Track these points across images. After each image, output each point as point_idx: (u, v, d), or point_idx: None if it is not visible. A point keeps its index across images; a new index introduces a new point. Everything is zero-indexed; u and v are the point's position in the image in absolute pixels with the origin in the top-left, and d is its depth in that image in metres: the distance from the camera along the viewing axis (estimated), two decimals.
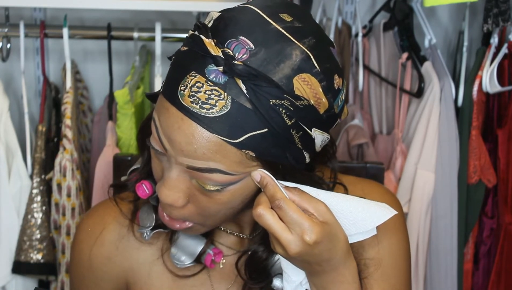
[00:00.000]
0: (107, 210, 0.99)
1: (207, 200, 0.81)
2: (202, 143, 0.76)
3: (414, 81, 1.83)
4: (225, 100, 0.75)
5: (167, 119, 0.78)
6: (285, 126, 0.77)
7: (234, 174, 0.78)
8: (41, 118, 1.77)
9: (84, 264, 0.99)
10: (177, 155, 0.78)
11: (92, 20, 1.99)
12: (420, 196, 1.77)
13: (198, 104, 0.75)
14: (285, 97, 0.76)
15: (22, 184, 1.70)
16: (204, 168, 0.77)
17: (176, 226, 0.85)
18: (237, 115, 0.75)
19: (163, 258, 0.96)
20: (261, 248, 0.89)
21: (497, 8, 1.68)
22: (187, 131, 0.76)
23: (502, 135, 1.81)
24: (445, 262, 1.79)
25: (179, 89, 0.77)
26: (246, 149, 0.77)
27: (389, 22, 1.92)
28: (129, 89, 1.71)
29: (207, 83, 0.76)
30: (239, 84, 0.75)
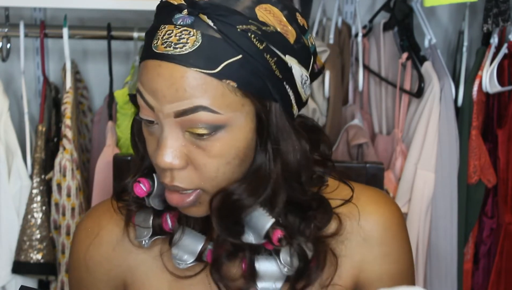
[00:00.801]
0: (105, 211, 0.99)
1: (203, 155, 0.82)
2: (182, 81, 0.78)
3: (414, 81, 1.83)
4: (195, 35, 0.79)
5: (147, 74, 0.81)
6: (258, 50, 0.80)
7: (219, 112, 0.80)
8: (41, 118, 1.77)
9: (81, 265, 0.99)
10: (162, 106, 0.80)
11: (92, 20, 1.99)
12: (420, 196, 1.77)
13: (171, 47, 0.79)
14: (250, 23, 0.80)
15: (22, 184, 1.70)
16: (189, 108, 0.79)
17: (186, 201, 0.85)
18: (210, 46, 0.79)
19: (162, 259, 0.96)
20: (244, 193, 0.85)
21: (497, 8, 1.68)
22: (166, 73, 0.79)
23: (502, 135, 1.81)
24: (445, 262, 1.79)
25: (152, 44, 0.81)
26: (226, 79, 0.79)
27: (389, 22, 1.92)
28: (129, 89, 1.71)
29: (176, 27, 0.80)
30: (205, 20, 0.79)
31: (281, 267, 0.89)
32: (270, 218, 0.86)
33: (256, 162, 0.86)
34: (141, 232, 0.93)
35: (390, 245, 0.95)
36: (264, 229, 0.86)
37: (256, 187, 0.85)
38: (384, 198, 0.98)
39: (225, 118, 0.80)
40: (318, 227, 0.91)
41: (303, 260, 0.90)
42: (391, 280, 0.96)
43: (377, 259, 0.95)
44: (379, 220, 0.95)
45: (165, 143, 0.81)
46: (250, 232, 0.88)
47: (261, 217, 0.87)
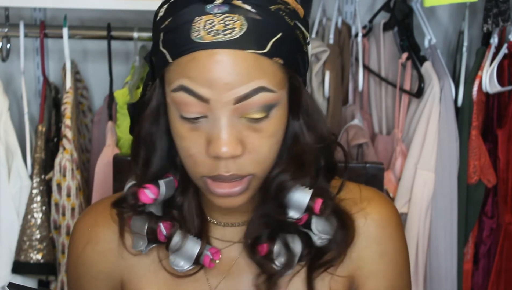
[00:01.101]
0: (102, 210, 0.99)
1: (258, 137, 0.83)
2: (241, 64, 0.80)
3: (414, 81, 1.83)
4: (240, 20, 0.80)
5: (197, 66, 0.80)
6: (290, 26, 0.84)
7: (275, 90, 0.82)
8: (41, 118, 1.77)
9: (79, 263, 0.99)
10: (221, 95, 0.80)
11: (92, 20, 1.99)
12: (420, 196, 1.77)
13: (220, 34, 0.80)
14: (278, 2, 0.84)
15: (22, 184, 1.70)
16: (250, 91, 0.80)
17: (237, 189, 0.85)
18: (256, 28, 0.81)
19: (159, 257, 0.96)
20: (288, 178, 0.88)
21: (497, 8, 1.68)
22: (224, 61, 0.79)
23: (502, 135, 1.81)
24: (445, 262, 1.79)
25: (193, 37, 0.80)
26: (275, 57, 0.82)
27: (389, 22, 1.91)
28: (129, 89, 1.71)
29: (216, 16, 0.81)
30: (241, 5, 0.81)
31: (315, 238, 0.91)
32: (308, 190, 0.89)
33: (292, 135, 0.89)
34: (137, 241, 0.94)
35: (386, 244, 0.96)
36: (305, 203, 0.89)
37: (299, 168, 0.89)
38: (381, 198, 0.99)
39: (278, 96, 0.83)
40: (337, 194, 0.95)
41: (340, 222, 0.92)
42: (386, 279, 0.97)
43: (373, 257, 0.96)
44: (376, 219, 0.96)
45: (223, 132, 0.81)
46: (290, 209, 0.90)
47: (300, 192, 0.89)
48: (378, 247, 0.96)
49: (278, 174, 0.89)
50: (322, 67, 1.85)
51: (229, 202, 0.87)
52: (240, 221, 0.96)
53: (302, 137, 0.89)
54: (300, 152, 0.89)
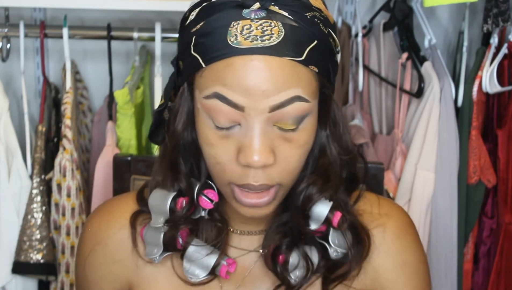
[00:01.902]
0: (114, 210, 0.98)
1: (290, 148, 0.82)
2: (278, 72, 0.78)
3: (414, 81, 1.83)
4: (277, 26, 0.79)
5: (234, 73, 0.78)
6: (325, 34, 0.83)
7: (309, 100, 0.81)
8: (41, 118, 1.77)
9: (86, 263, 0.98)
10: (257, 103, 0.78)
11: (92, 20, 1.99)
12: (420, 196, 1.77)
13: (258, 40, 0.78)
14: (313, 9, 0.82)
15: (22, 184, 1.70)
16: (286, 100, 0.79)
17: (265, 199, 0.84)
18: (293, 35, 0.79)
19: (172, 262, 0.94)
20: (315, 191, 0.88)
21: (497, 8, 1.68)
22: (263, 66, 0.78)
23: (502, 135, 1.81)
24: (445, 262, 1.79)
25: (230, 41, 0.78)
26: (311, 65, 0.80)
27: (389, 22, 1.91)
28: (129, 89, 1.71)
29: (253, 21, 0.79)
30: (278, 11, 0.80)
31: (331, 251, 0.90)
32: (328, 201, 0.88)
33: (320, 147, 0.88)
34: (151, 249, 0.92)
35: (406, 254, 0.95)
36: (324, 215, 0.88)
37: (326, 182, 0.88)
38: (398, 209, 0.98)
39: (311, 106, 0.82)
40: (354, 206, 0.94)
41: (355, 237, 0.91)
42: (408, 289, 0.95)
43: (393, 269, 0.95)
44: (394, 231, 0.95)
45: (256, 141, 0.79)
46: (311, 220, 0.89)
47: (320, 203, 0.88)
48: (398, 258, 0.95)
49: (307, 186, 0.87)
50: None
51: (255, 212, 0.86)
52: (257, 230, 0.95)
53: (329, 149, 0.88)
54: (326, 164, 0.88)
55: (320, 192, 0.88)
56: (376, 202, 0.97)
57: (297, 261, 0.90)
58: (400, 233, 0.96)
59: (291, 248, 0.90)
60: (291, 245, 0.90)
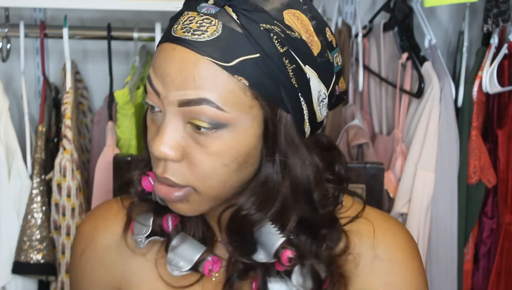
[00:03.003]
0: (103, 214, 0.98)
1: (201, 152, 0.79)
2: (192, 68, 0.76)
3: (414, 81, 1.83)
4: (216, 25, 0.77)
5: (158, 58, 0.79)
6: (277, 52, 0.78)
7: (224, 109, 0.77)
8: (41, 118, 1.77)
9: (77, 267, 0.99)
10: (168, 92, 0.78)
11: (92, 20, 1.99)
12: (420, 196, 1.77)
13: (190, 32, 0.77)
14: (275, 23, 0.78)
15: (22, 185, 1.70)
16: (194, 99, 0.77)
17: (174, 195, 0.82)
18: (228, 39, 0.77)
19: (156, 267, 0.94)
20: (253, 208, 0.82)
21: (497, 8, 1.68)
22: (178, 57, 0.77)
23: (502, 135, 1.81)
24: (445, 262, 1.79)
25: (173, 28, 0.79)
26: (238, 75, 0.77)
27: (389, 22, 1.92)
28: (129, 89, 1.71)
29: (199, 15, 0.79)
30: (230, 13, 0.78)
31: (293, 289, 0.86)
32: (281, 236, 0.84)
33: (262, 173, 0.82)
34: (139, 229, 0.91)
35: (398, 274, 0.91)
36: (274, 248, 0.83)
37: (264, 201, 0.82)
38: (397, 227, 0.93)
39: (229, 117, 0.77)
40: (330, 247, 0.87)
41: (316, 282, 0.86)
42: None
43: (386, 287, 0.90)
44: (390, 249, 0.90)
45: (164, 131, 0.79)
46: (261, 250, 0.85)
47: (271, 235, 0.84)
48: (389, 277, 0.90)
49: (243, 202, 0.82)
50: None
51: (175, 207, 0.84)
52: None
53: (274, 179, 0.82)
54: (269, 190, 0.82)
55: (260, 210, 0.82)
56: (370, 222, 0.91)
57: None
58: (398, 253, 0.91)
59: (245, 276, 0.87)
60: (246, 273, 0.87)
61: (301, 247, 0.85)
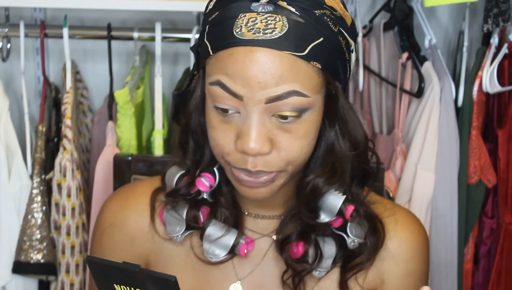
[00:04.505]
0: (131, 193, 1.01)
1: (288, 138, 0.84)
2: (276, 65, 0.80)
3: (414, 81, 1.83)
4: (282, 21, 0.81)
5: (235, 63, 0.81)
6: (334, 32, 0.84)
7: (308, 95, 0.83)
8: (41, 118, 1.77)
9: (104, 244, 1.00)
10: (254, 93, 0.81)
11: (92, 20, 1.99)
12: (420, 196, 1.77)
13: (260, 32, 0.81)
14: (324, 7, 0.84)
15: (22, 184, 1.70)
16: (282, 94, 0.81)
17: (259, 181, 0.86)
18: (297, 30, 0.81)
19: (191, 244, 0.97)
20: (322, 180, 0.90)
21: (497, 8, 1.68)
22: (261, 59, 0.80)
23: (502, 135, 1.81)
24: (445, 262, 1.79)
25: (235, 32, 0.82)
26: (313, 60, 0.82)
27: (389, 22, 1.91)
28: (129, 89, 1.71)
29: (259, 15, 0.82)
30: (286, 6, 0.82)
31: (349, 241, 0.92)
32: (341, 195, 0.91)
33: (328, 143, 0.90)
34: (173, 228, 0.95)
35: (416, 264, 0.98)
36: (336, 207, 0.90)
37: (331, 171, 0.90)
38: (414, 220, 1.01)
39: (311, 100, 0.83)
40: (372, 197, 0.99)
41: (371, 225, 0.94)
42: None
43: (402, 275, 0.98)
44: (408, 240, 0.98)
45: (252, 129, 0.83)
46: (322, 211, 0.91)
47: (332, 196, 0.91)
48: (407, 265, 0.98)
49: (313, 178, 0.90)
50: None
51: (255, 193, 0.89)
52: (272, 215, 0.98)
53: (338, 146, 0.90)
54: (334, 159, 0.90)
55: (328, 184, 0.90)
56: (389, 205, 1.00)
57: (309, 252, 0.92)
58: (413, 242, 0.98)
59: (302, 238, 0.93)
60: (302, 236, 0.93)
61: (355, 199, 0.94)
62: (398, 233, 0.98)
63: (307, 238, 0.93)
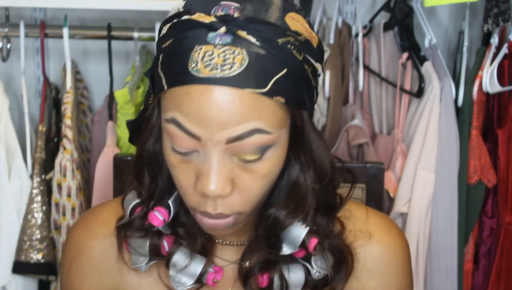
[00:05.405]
0: (96, 219, 0.96)
1: (250, 178, 0.79)
2: (236, 104, 0.74)
3: (414, 81, 1.83)
4: (241, 54, 0.75)
5: (191, 102, 0.75)
6: (298, 61, 0.78)
7: (271, 132, 0.77)
8: (41, 118, 1.77)
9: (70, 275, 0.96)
10: (213, 134, 0.75)
11: (92, 20, 1.99)
12: (420, 196, 1.77)
13: (218, 69, 0.74)
14: (287, 34, 0.77)
15: (22, 184, 1.70)
16: (244, 133, 0.75)
17: (222, 225, 0.82)
18: (258, 64, 0.75)
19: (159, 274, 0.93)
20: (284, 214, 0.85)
21: (497, 8, 1.68)
22: (219, 99, 0.74)
23: (502, 135, 1.81)
24: (445, 262, 1.79)
25: (190, 67, 0.75)
26: (276, 96, 0.76)
27: (389, 22, 1.92)
28: (129, 89, 1.71)
29: (216, 48, 0.75)
30: (246, 36, 0.76)
31: (313, 271, 0.88)
32: (304, 227, 0.85)
33: (292, 176, 0.85)
34: (137, 257, 0.90)
35: (390, 278, 0.94)
36: (299, 239, 0.85)
37: (296, 207, 0.85)
38: (392, 229, 0.96)
39: (275, 137, 0.78)
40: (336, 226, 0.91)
41: (337, 259, 0.89)
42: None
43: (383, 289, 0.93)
44: (383, 252, 0.93)
45: (213, 171, 0.77)
46: (284, 243, 0.87)
47: (295, 228, 0.86)
48: (381, 281, 0.94)
49: (274, 211, 0.85)
50: None
51: (216, 232, 0.85)
52: (240, 241, 0.93)
53: (302, 179, 0.85)
54: (299, 194, 0.85)
55: (290, 217, 0.85)
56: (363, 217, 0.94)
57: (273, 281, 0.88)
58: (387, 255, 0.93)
59: (266, 269, 0.89)
60: (266, 266, 0.89)
61: (319, 230, 0.87)
62: (372, 248, 0.93)
63: (272, 268, 0.88)
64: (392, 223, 0.97)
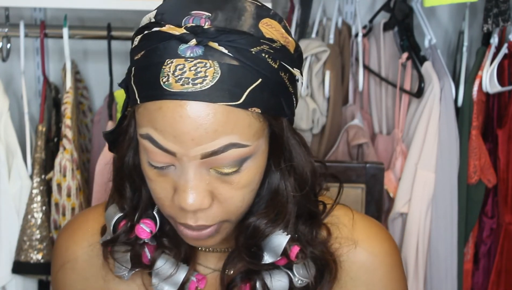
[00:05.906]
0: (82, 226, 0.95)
1: (229, 189, 0.78)
2: (210, 119, 0.72)
3: (414, 81, 1.83)
4: (213, 67, 0.73)
5: (164, 118, 0.73)
6: (274, 70, 0.76)
7: (248, 144, 0.75)
8: (41, 118, 1.77)
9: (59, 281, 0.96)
10: (188, 150, 0.74)
11: (92, 20, 1.99)
12: (420, 196, 1.77)
13: (189, 84, 0.72)
14: (261, 42, 0.75)
15: (22, 184, 1.70)
16: (219, 148, 0.74)
17: (206, 235, 0.81)
18: (230, 76, 0.73)
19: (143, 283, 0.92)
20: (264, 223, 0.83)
21: (497, 8, 1.68)
22: (192, 114, 0.72)
23: (502, 135, 1.81)
24: (445, 262, 1.79)
25: (162, 82, 0.73)
26: (251, 107, 0.74)
27: (389, 22, 1.92)
28: None
29: (187, 61, 0.73)
30: (217, 48, 0.74)
31: (295, 280, 0.86)
32: (285, 235, 0.84)
33: (272, 184, 0.84)
34: (120, 265, 0.89)
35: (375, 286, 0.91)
36: (281, 247, 0.84)
37: (276, 216, 0.84)
38: (379, 235, 0.93)
39: (252, 149, 0.77)
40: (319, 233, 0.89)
41: (318, 268, 0.87)
42: None
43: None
44: (369, 259, 0.91)
45: (190, 185, 0.76)
46: (266, 252, 0.85)
47: (276, 236, 0.84)
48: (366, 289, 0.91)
49: (254, 220, 0.83)
50: (322, 67, 1.85)
51: (200, 243, 0.84)
52: (223, 247, 0.92)
53: (282, 187, 0.83)
54: (279, 202, 0.84)
55: (271, 226, 0.83)
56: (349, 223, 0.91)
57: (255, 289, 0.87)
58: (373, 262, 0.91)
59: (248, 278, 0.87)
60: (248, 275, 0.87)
61: (301, 238, 0.86)
62: (357, 256, 0.90)
63: (254, 277, 0.87)
64: (380, 229, 0.94)
